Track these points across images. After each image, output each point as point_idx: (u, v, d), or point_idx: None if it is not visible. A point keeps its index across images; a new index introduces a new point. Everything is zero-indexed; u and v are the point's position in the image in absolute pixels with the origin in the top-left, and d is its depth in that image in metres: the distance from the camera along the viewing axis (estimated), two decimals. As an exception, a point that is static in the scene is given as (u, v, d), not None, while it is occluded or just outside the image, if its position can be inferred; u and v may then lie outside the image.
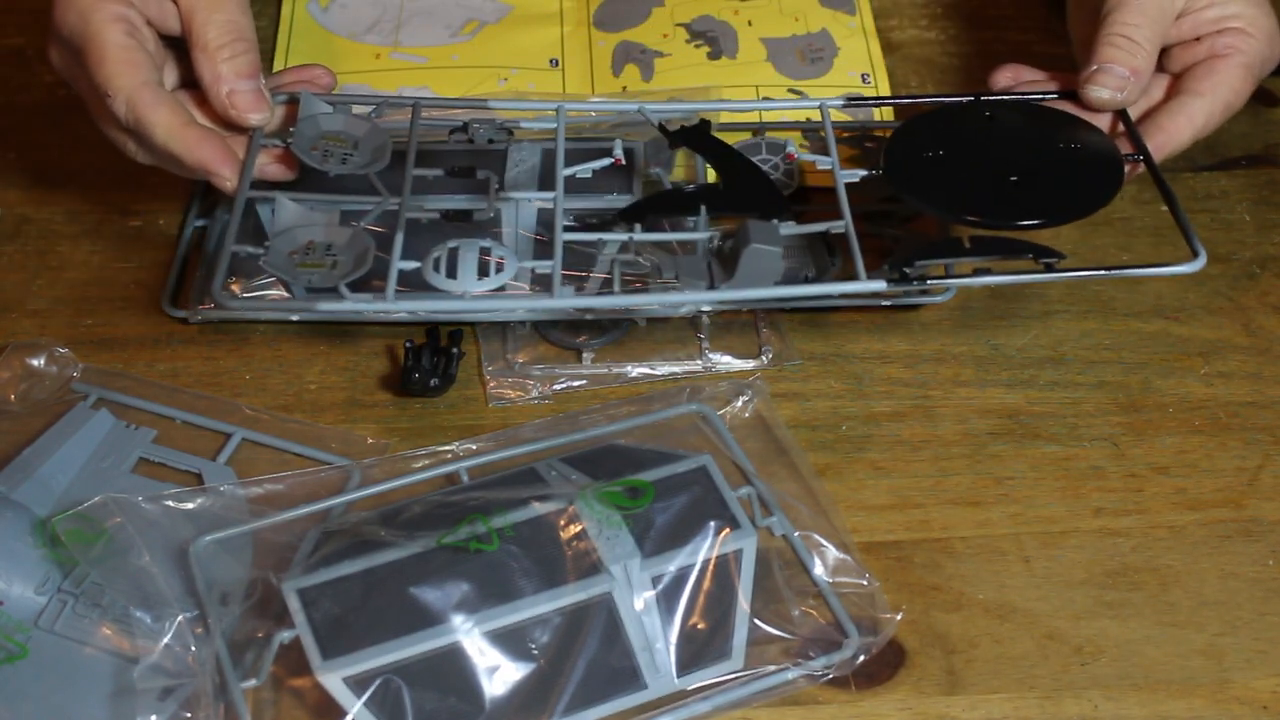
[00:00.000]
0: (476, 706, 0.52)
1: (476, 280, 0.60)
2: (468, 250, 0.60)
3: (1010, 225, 0.63)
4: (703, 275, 0.64)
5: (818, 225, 0.63)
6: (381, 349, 0.67)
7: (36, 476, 0.60)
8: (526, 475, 0.58)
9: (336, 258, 0.60)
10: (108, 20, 0.62)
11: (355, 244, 0.60)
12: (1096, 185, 0.64)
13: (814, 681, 0.55)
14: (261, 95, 0.64)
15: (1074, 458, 0.63)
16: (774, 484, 0.61)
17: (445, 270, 0.60)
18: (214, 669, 0.53)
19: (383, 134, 0.65)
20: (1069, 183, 0.64)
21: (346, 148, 0.65)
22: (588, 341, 0.67)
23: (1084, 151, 0.65)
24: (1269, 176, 0.77)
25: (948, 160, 0.66)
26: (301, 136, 0.64)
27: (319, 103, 0.66)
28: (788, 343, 0.68)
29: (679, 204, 0.65)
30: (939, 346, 0.68)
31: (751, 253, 0.61)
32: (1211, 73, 0.68)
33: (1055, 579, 0.59)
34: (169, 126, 0.62)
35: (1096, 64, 0.66)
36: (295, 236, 0.61)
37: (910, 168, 0.65)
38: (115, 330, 0.68)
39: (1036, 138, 0.66)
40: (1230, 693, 0.55)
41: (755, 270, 0.61)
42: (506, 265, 0.60)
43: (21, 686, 0.53)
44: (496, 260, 0.60)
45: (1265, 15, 0.69)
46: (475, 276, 0.60)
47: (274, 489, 0.59)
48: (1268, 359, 0.67)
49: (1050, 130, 0.67)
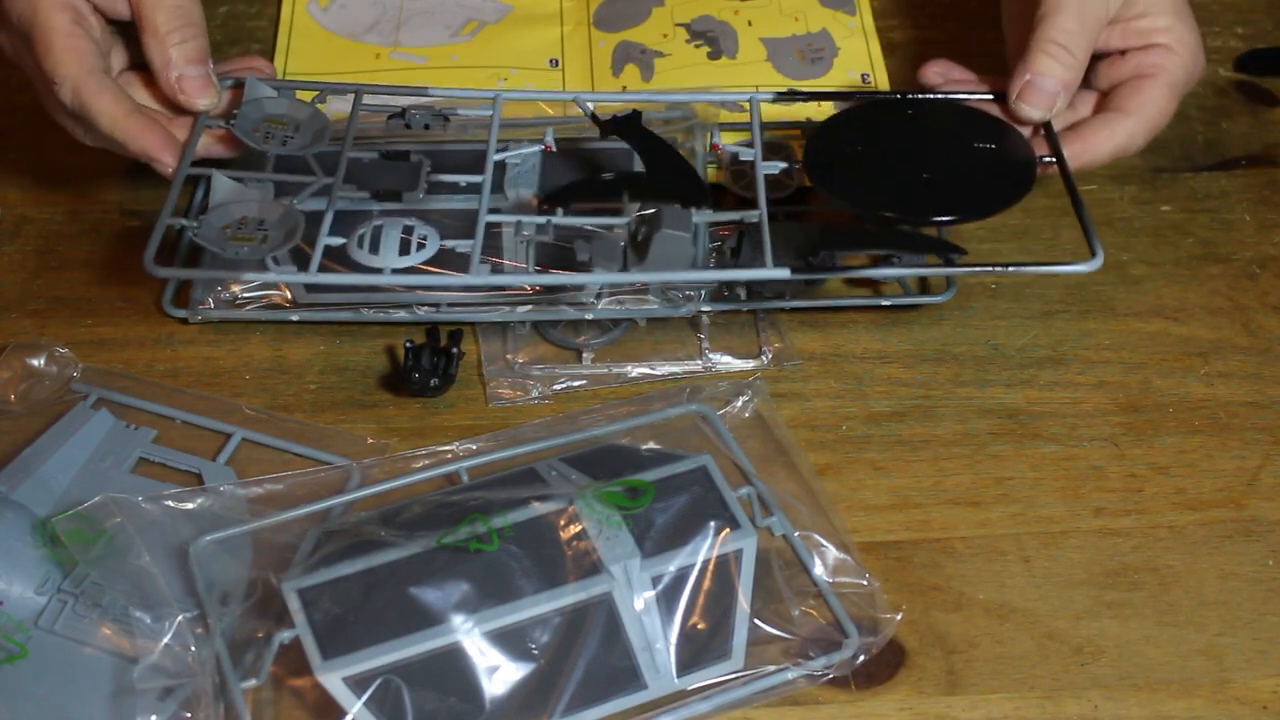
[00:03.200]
0: (476, 706, 0.52)
1: (397, 256, 0.62)
2: (391, 228, 0.63)
3: (919, 220, 0.66)
4: (616, 259, 0.64)
5: (731, 214, 0.65)
6: (381, 349, 0.67)
7: (36, 476, 0.60)
8: (526, 475, 0.58)
9: (267, 232, 0.62)
10: (54, 8, 0.64)
11: (286, 220, 0.63)
12: (1007, 184, 0.66)
13: (814, 681, 0.55)
14: (209, 80, 0.66)
15: (1074, 458, 0.63)
16: (774, 484, 0.61)
17: (369, 247, 0.63)
18: (214, 669, 0.53)
19: (323, 119, 0.68)
20: (981, 181, 0.66)
21: (288, 130, 0.67)
22: (588, 341, 0.68)
23: (999, 152, 0.68)
24: (1269, 176, 0.77)
25: (866, 156, 0.68)
26: (245, 119, 0.67)
27: (264, 87, 0.68)
28: (788, 343, 0.68)
29: (602, 191, 0.66)
30: (939, 346, 0.68)
31: (662, 237, 0.62)
32: (1138, 92, 0.69)
33: (1055, 579, 0.59)
34: (112, 115, 0.64)
35: (1029, 74, 0.67)
36: (230, 212, 0.63)
37: (829, 163, 0.68)
38: (115, 330, 0.68)
39: (955, 137, 0.68)
40: (1230, 693, 0.55)
41: (665, 255, 0.62)
42: (429, 243, 0.63)
43: (22, 686, 0.53)
44: (419, 239, 0.63)
45: (1190, 31, 0.70)
46: (396, 253, 0.62)
47: (274, 489, 0.59)
48: (1268, 359, 0.68)
49: (970, 130, 0.69)
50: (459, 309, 0.67)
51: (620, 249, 0.64)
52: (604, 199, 0.66)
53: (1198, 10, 0.71)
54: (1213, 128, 0.79)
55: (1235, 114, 0.80)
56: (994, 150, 0.68)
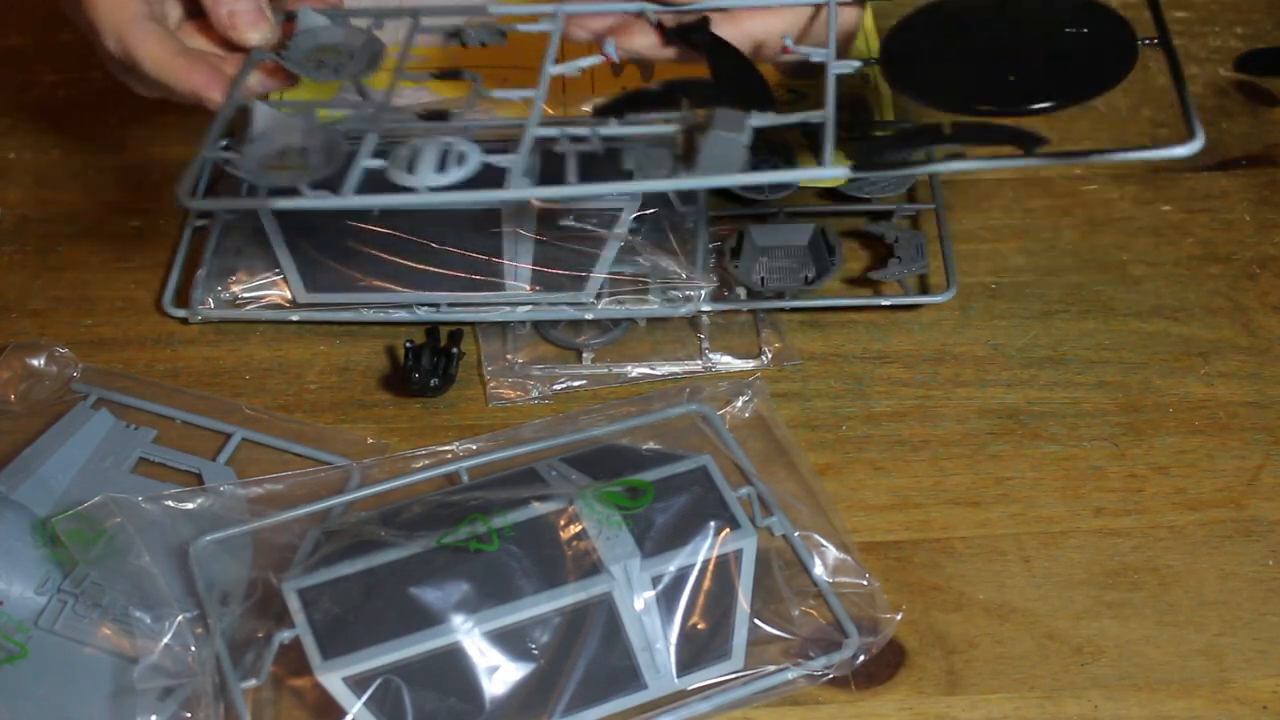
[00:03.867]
0: (476, 706, 0.52)
1: (434, 174, 0.57)
2: (429, 145, 0.58)
3: (1012, 110, 0.60)
4: (666, 166, 0.61)
5: (793, 116, 0.59)
6: (381, 349, 0.67)
7: (36, 476, 0.60)
8: (526, 475, 0.58)
9: (309, 161, 0.59)
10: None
11: (329, 147, 0.59)
12: (1105, 66, 0.60)
13: (814, 681, 0.55)
14: (262, 13, 0.64)
15: (1074, 458, 0.63)
16: (774, 484, 0.61)
17: (406, 167, 0.58)
18: (214, 669, 0.53)
19: (378, 43, 0.65)
20: (1076, 66, 0.61)
21: (341, 58, 0.64)
22: (588, 341, 0.68)
23: (1094, 36, 0.62)
24: (1269, 176, 0.77)
25: (947, 52, 0.63)
26: (297, 49, 0.64)
27: (317, 16, 0.66)
28: (788, 343, 0.68)
29: (660, 99, 0.62)
30: (939, 346, 0.68)
31: (713, 139, 0.56)
32: None
33: (1055, 579, 0.59)
34: (156, 56, 0.62)
35: None
36: (271, 141, 0.60)
37: (909, 59, 0.62)
38: (115, 330, 0.68)
39: (1045, 23, 0.63)
40: (1230, 693, 0.55)
41: (717, 158, 0.57)
42: (468, 159, 0.58)
43: (22, 686, 0.53)
44: (458, 152, 0.58)
45: None
46: (433, 170, 0.57)
47: (274, 489, 0.59)
48: (1268, 359, 0.67)
49: (1061, 16, 0.63)
50: (459, 309, 0.67)
51: (670, 157, 0.60)
52: (661, 108, 0.61)
53: (1198, 10, 0.71)
54: (1213, 128, 0.79)
55: (1235, 114, 0.80)
56: (1088, 35, 0.61)
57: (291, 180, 0.57)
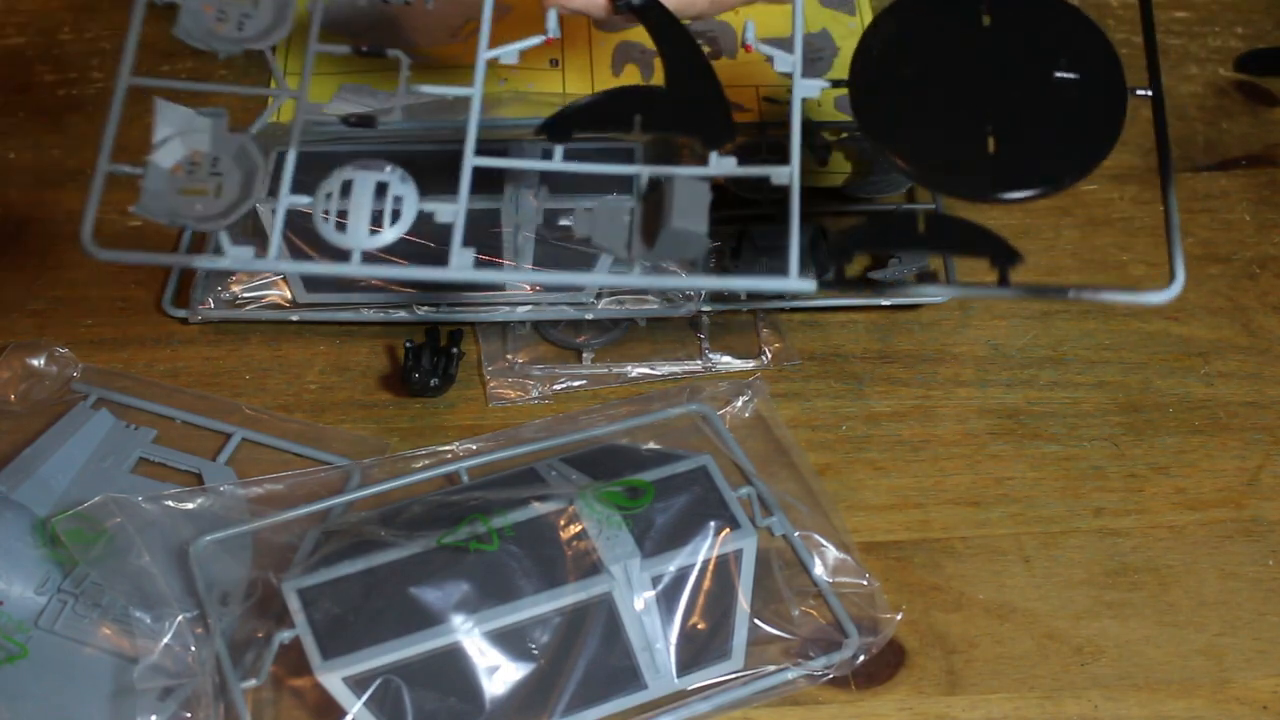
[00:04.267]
0: (476, 706, 0.52)
1: (368, 234, 0.47)
2: (360, 187, 0.48)
3: (987, 197, 0.50)
4: (622, 234, 0.50)
5: (755, 170, 0.50)
6: (381, 349, 0.67)
7: (36, 476, 0.60)
8: (526, 475, 0.58)
9: (221, 178, 0.49)
10: None
11: (242, 161, 0.49)
12: (1090, 138, 0.51)
13: (814, 681, 0.55)
14: None
15: (1074, 458, 0.63)
16: (774, 484, 0.61)
17: (335, 214, 0.48)
18: (214, 669, 0.53)
19: None
20: (1056, 133, 0.51)
21: (246, 5, 0.53)
22: (588, 341, 0.68)
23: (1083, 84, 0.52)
24: (1269, 176, 0.77)
25: (919, 84, 0.52)
26: None
27: None
28: (788, 343, 0.68)
29: (610, 115, 0.53)
30: (939, 346, 0.68)
31: (670, 234, 0.48)
32: None
33: (1055, 579, 0.59)
34: None
35: None
36: (178, 146, 0.50)
37: (876, 90, 0.51)
38: (115, 330, 0.68)
39: (1033, 58, 0.53)
40: (1230, 693, 0.55)
41: (678, 245, 0.49)
42: (404, 207, 0.48)
43: (22, 686, 0.53)
44: (393, 204, 0.48)
45: None
46: (367, 228, 0.48)
47: (274, 489, 0.59)
48: (1268, 359, 0.67)
49: (1051, 45, 0.53)
50: (459, 309, 0.67)
51: (625, 222, 0.51)
52: (611, 125, 0.52)
53: (1198, 10, 0.71)
54: (1213, 128, 0.79)
55: (1235, 114, 0.80)
56: (1077, 82, 0.52)
57: (202, 211, 0.49)
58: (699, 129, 0.50)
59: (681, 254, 0.51)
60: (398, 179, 0.48)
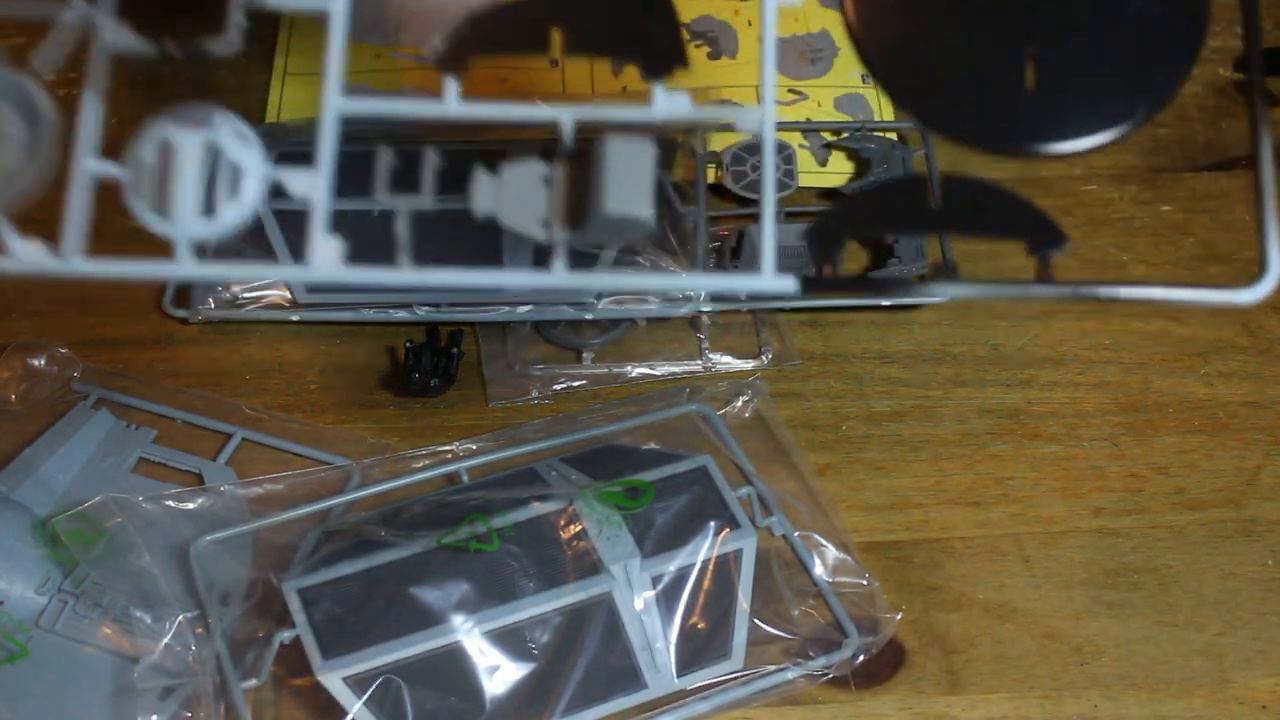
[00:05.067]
0: (476, 706, 0.52)
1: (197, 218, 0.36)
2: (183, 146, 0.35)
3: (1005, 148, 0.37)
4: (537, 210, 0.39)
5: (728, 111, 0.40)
6: (381, 349, 0.67)
7: (36, 476, 0.60)
8: (526, 475, 0.58)
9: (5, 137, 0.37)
10: None
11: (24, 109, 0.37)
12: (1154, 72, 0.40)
13: (814, 681, 0.55)
14: None
15: (1074, 458, 0.63)
16: (774, 484, 0.61)
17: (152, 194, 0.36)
18: (214, 669, 0.53)
19: None
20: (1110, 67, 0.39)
21: None
22: (588, 341, 0.68)
23: None
24: (1269, 176, 0.77)
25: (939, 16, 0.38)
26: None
27: None
28: (788, 343, 0.68)
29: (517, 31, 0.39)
30: (939, 346, 0.68)
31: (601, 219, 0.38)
32: None
33: (1055, 579, 0.59)
34: None
35: None
36: None
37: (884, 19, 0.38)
38: (115, 330, 0.68)
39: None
40: (1230, 692, 0.55)
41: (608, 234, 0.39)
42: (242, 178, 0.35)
43: (22, 686, 0.54)
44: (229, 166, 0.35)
45: None
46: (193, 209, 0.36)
47: (274, 489, 0.59)
48: (1268, 359, 0.68)
49: None
50: (459, 309, 0.67)
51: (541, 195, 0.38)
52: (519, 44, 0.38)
53: (1198, 10, 0.71)
54: (1213, 128, 0.79)
55: (1235, 114, 0.80)
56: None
57: None
58: (638, 49, 0.39)
59: (618, 239, 0.43)
60: (234, 137, 0.34)
